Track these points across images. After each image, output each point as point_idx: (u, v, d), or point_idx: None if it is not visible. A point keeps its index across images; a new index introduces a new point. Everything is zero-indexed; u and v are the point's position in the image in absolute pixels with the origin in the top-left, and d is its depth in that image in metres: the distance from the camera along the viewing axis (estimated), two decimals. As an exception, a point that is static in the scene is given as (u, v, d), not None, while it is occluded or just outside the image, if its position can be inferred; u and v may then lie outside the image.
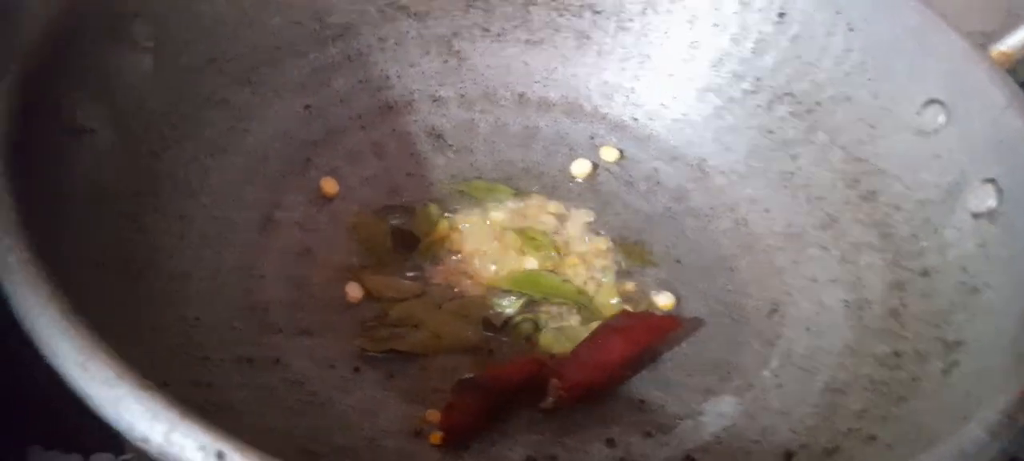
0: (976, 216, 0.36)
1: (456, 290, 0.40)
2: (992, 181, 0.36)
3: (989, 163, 0.36)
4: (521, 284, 0.40)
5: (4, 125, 0.27)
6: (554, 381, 0.35)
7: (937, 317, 0.35)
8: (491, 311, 0.39)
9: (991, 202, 0.36)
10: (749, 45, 0.46)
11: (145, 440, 0.21)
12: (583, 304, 0.40)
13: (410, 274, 0.41)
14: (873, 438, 0.31)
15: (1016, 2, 0.70)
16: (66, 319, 0.23)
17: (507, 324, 0.39)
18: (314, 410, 0.34)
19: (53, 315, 0.23)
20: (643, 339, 0.37)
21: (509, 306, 0.40)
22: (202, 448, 0.21)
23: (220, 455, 0.20)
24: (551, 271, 0.41)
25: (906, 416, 0.31)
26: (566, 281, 0.41)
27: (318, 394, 0.35)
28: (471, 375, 0.36)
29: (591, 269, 0.42)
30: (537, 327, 0.39)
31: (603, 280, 0.42)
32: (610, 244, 0.43)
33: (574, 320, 0.40)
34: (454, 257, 0.42)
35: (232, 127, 0.41)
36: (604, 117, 0.49)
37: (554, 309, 0.40)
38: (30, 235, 0.25)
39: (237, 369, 0.33)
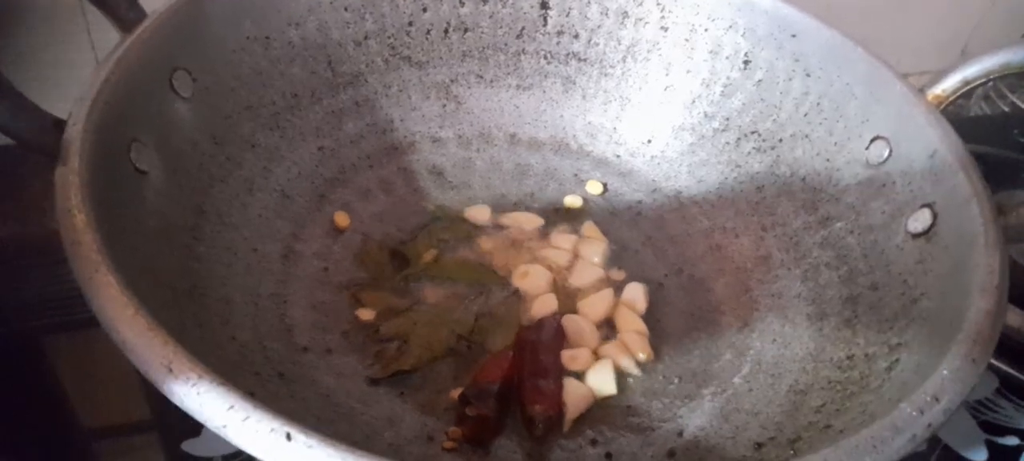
0: (915, 236, 0.39)
1: (433, 302, 0.44)
2: (929, 206, 0.39)
3: (926, 190, 0.40)
4: (456, 273, 0.45)
5: (84, 171, 0.30)
6: (536, 408, 0.38)
7: (883, 325, 0.38)
8: (458, 315, 0.43)
9: (928, 224, 0.39)
10: (718, 89, 0.50)
11: (223, 427, 0.24)
12: (488, 282, 0.45)
13: (403, 291, 0.44)
14: (829, 427, 0.34)
15: (970, 43, 0.74)
16: (152, 330, 0.26)
17: (477, 322, 0.43)
18: (342, 420, 0.37)
19: (140, 327, 0.26)
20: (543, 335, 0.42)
21: (474, 305, 0.44)
22: (273, 430, 0.24)
23: (289, 436, 0.24)
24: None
25: (856, 407, 0.34)
26: (483, 265, 0.46)
27: (342, 406, 0.37)
28: (465, 387, 0.39)
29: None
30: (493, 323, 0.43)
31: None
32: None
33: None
34: (439, 276, 0.45)
35: (264, 167, 0.43)
36: (589, 154, 0.53)
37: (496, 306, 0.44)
38: (112, 261, 0.28)
39: (277, 383, 0.36)
